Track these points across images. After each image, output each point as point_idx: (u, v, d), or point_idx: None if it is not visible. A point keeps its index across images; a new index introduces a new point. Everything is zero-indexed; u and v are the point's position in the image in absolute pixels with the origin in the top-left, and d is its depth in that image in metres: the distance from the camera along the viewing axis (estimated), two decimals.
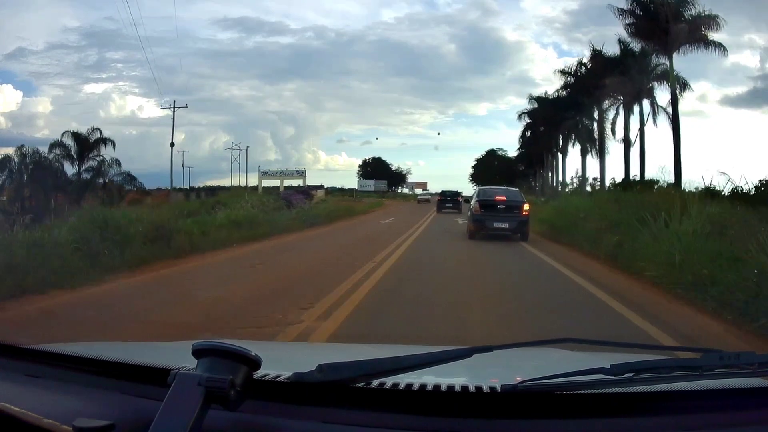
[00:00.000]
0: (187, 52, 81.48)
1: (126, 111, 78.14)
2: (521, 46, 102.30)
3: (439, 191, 40.08)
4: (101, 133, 35.61)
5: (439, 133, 70.53)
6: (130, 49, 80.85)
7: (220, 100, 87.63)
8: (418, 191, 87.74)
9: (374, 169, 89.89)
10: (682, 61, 26.72)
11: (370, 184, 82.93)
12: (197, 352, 0.94)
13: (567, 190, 36.09)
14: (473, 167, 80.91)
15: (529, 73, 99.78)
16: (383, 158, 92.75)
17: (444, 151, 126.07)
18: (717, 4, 30.43)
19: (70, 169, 35.00)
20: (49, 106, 72.28)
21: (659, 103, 28.65)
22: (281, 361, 1.53)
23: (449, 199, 36.70)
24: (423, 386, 1.05)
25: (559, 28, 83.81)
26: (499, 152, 77.85)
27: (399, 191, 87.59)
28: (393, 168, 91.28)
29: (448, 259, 11.32)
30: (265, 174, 54.44)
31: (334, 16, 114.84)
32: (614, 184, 23.31)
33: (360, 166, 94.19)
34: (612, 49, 29.73)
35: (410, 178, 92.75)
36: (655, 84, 28.86)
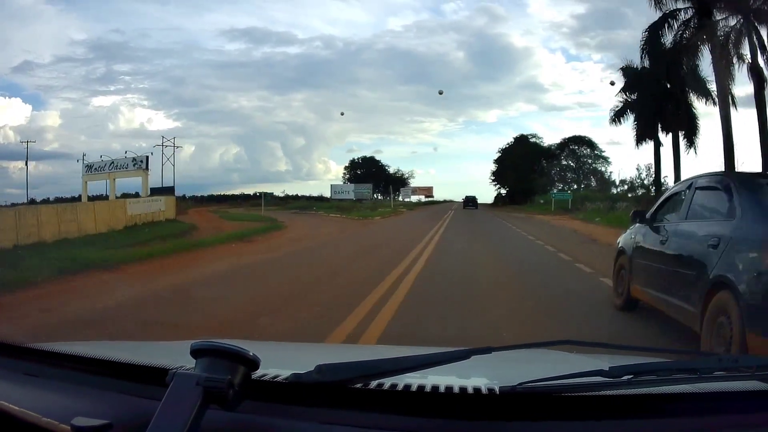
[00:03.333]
0: (194, 64, 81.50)
1: (135, 124, 77.04)
2: (529, 52, 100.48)
3: (463, 197, 56.28)
4: None
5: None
6: (138, 62, 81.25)
7: (229, 111, 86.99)
8: (420, 197, 72.75)
9: (366, 170, 74.51)
10: None
11: (349, 190, 65.20)
12: (195, 352, 0.94)
13: None
14: (495, 161, 65.56)
15: (537, 79, 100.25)
16: (377, 158, 77.64)
17: (455, 159, 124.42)
18: None
19: None
20: (58, 119, 71.46)
21: None
22: (280, 361, 1.53)
23: (470, 202, 53.40)
24: (421, 387, 1.05)
25: (567, 33, 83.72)
26: (532, 139, 62.17)
27: (397, 197, 68.69)
28: (391, 171, 77.08)
29: None
30: (90, 169, 34.50)
31: (342, 25, 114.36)
32: None
33: (346, 167, 77.11)
34: None
35: (413, 183, 77.19)
36: None
